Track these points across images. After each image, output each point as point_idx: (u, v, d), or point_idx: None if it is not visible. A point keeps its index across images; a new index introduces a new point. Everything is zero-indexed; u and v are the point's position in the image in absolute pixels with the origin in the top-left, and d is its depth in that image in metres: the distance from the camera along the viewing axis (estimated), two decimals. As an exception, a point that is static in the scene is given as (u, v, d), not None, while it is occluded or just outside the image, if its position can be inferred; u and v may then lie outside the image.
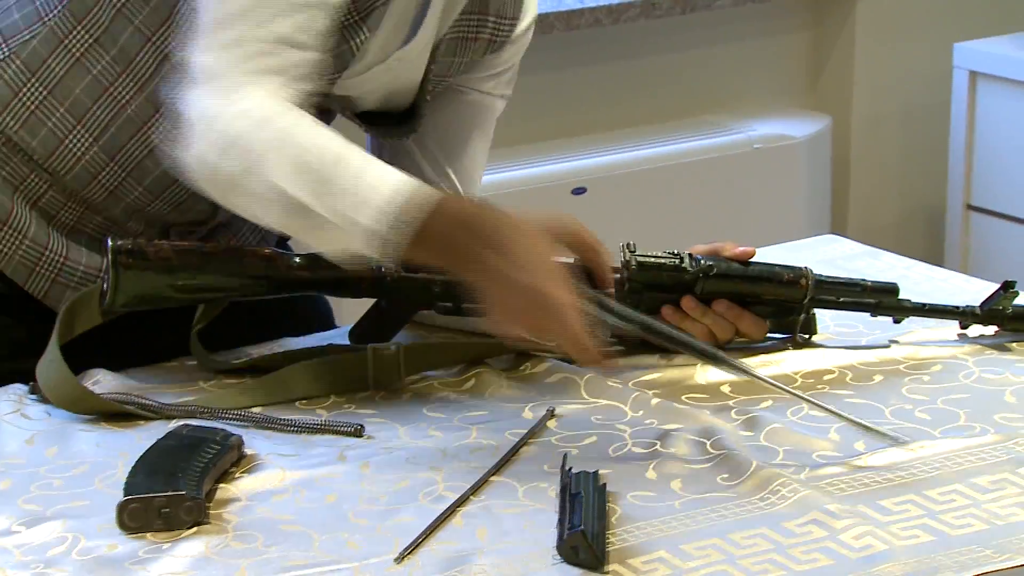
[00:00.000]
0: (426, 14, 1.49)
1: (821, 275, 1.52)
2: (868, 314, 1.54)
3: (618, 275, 1.47)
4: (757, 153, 2.86)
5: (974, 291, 1.67)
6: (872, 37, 3.03)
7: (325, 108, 1.52)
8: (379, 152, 1.60)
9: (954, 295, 1.65)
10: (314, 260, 1.42)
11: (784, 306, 1.51)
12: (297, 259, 1.43)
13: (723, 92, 3.01)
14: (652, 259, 1.49)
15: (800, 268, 1.51)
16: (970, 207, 3.00)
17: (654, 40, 2.92)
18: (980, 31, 3.02)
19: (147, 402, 1.42)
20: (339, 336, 1.57)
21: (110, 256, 1.41)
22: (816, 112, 3.03)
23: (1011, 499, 1.25)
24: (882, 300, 1.52)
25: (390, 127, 1.58)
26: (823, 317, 1.56)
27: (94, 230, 1.52)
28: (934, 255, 3.05)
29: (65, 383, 1.42)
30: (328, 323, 1.68)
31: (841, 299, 1.52)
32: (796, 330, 1.53)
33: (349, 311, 1.54)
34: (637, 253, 1.49)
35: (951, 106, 2.98)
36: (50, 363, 1.43)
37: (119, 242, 1.42)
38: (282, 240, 1.62)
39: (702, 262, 1.49)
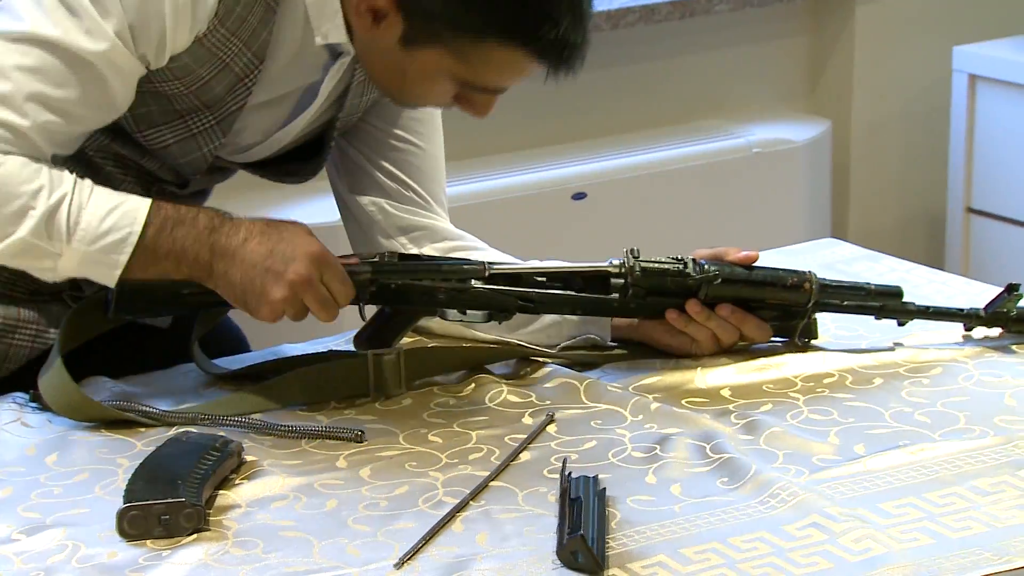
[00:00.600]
0: (311, 100, 1.50)
1: (825, 279, 1.52)
2: (872, 317, 1.54)
3: (622, 280, 1.47)
4: (757, 157, 2.86)
5: (975, 293, 1.67)
6: (871, 41, 3.03)
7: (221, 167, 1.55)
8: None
9: (954, 298, 1.66)
10: None
11: (788, 310, 1.51)
12: None
13: (723, 97, 3.01)
14: (655, 265, 1.49)
15: (804, 272, 1.51)
16: (970, 210, 3.00)
17: (653, 45, 2.92)
18: (979, 35, 3.02)
19: (148, 409, 1.42)
20: (338, 342, 1.57)
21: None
22: (816, 116, 3.03)
23: (1010, 501, 1.25)
24: (886, 303, 1.52)
25: (291, 170, 1.58)
26: (824, 320, 1.56)
27: None
28: (935, 258, 3.05)
29: (67, 391, 1.42)
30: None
31: (845, 303, 1.52)
32: (795, 335, 1.53)
33: (350, 319, 1.54)
34: (641, 259, 1.49)
35: (951, 109, 2.98)
36: (53, 371, 1.44)
37: None
38: None
39: (706, 267, 1.49)
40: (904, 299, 1.53)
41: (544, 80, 1.43)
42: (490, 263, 1.47)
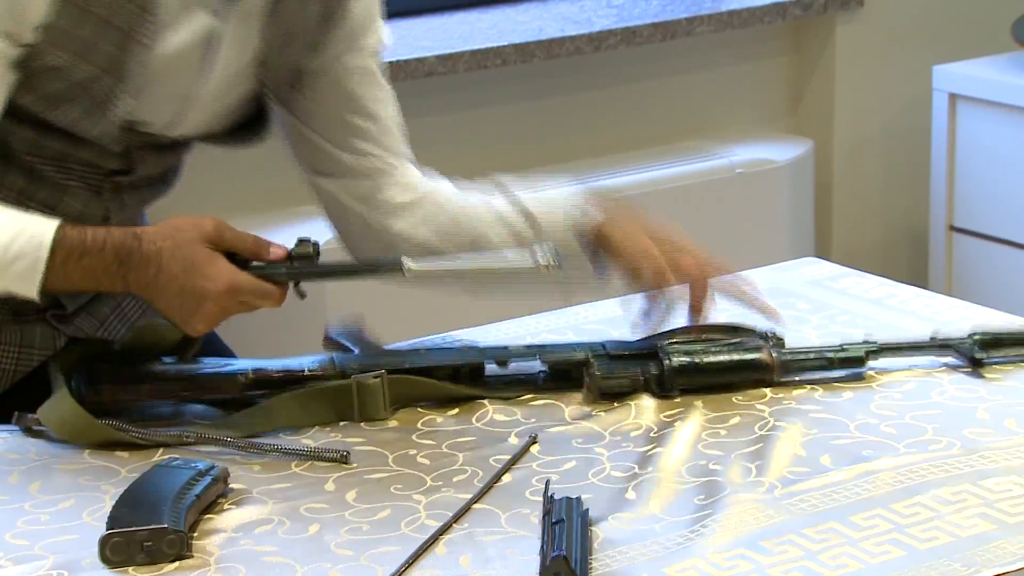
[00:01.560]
0: (216, 56, 1.49)
1: (785, 352, 1.52)
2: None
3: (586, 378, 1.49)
4: (740, 178, 2.87)
5: (958, 311, 1.68)
6: (852, 61, 3.05)
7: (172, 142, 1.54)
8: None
9: (939, 313, 1.67)
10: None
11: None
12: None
13: (705, 118, 3.02)
14: (614, 379, 1.49)
15: (762, 349, 1.51)
16: (953, 228, 3.01)
17: (635, 67, 2.94)
18: (959, 54, 3.04)
19: (143, 431, 1.43)
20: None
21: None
22: (798, 136, 3.05)
23: (973, 510, 1.27)
24: (853, 368, 1.53)
25: (239, 137, 1.58)
26: (808, 336, 1.58)
27: None
28: (918, 276, 3.06)
29: (74, 416, 1.43)
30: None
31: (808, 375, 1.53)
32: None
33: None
34: (607, 354, 1.50)
35: (932, 128, 3.00)
36: (58, 400, 1.45)
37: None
38: None
39: (667, 362, 1.49)
40: (869, 354, 1.52)
41: None
42: (409, 267, 1.47)
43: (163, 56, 1.47)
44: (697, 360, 1.50)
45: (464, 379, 1.52)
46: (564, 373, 1.52)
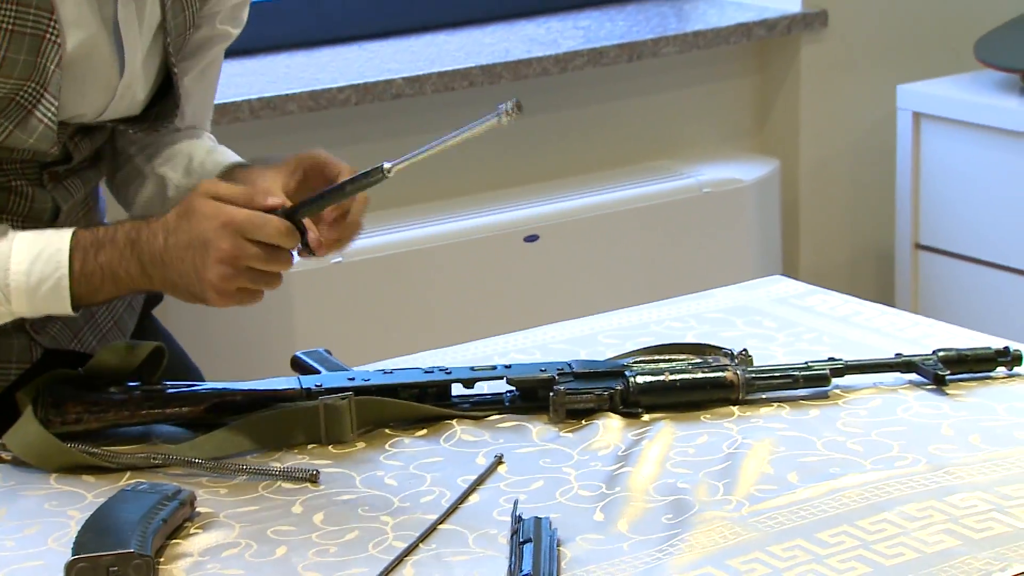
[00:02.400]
0: (123, 39, 1.49)
1: (750, 370, 1.53)
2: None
3: (552, 398, 1.50)
4: (707, 197, 2.89)
5: (923, 328, 1.70)
6: (817, 81, 3.07)
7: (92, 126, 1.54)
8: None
9: (904, 331, 1.68)
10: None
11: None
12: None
13: (672, 138, 3.04)
14: (580, 396, 1.50)
15: (727, 369, 1.52)
16: (918, 246, 3.03)
17: (602, 88, 2.95)
18: (922, 73, 3.07)
19: (109, 453, 1.43)
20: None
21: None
22: (764, 155, 3.07)
23: (938, 526, 1.27)
24: (817, 386, 1.54)
25: (150, 118, 1.58)
26: (775, 354, 1.59)
27: None
28: (885, 294, 3.08)
29: (40, 440, 1.43)
30: None
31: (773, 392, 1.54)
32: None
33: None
34: (573, 375, 1.51)
35: (896, 147, 3.02)
36: (24, 424, 1.44)
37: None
38: None
39: (632, 380, 1.50)
40: (832, 371, 1.53)
41: None
42: (387, 168, 1.47)
43: (77, 49, 1.47)
44: (662, 378, 1.51)
45: (430, 400, 1.52)
46: (530, 393, 1.53)
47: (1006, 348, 1.56)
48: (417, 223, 2.70)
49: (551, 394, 1.50)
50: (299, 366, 1.60)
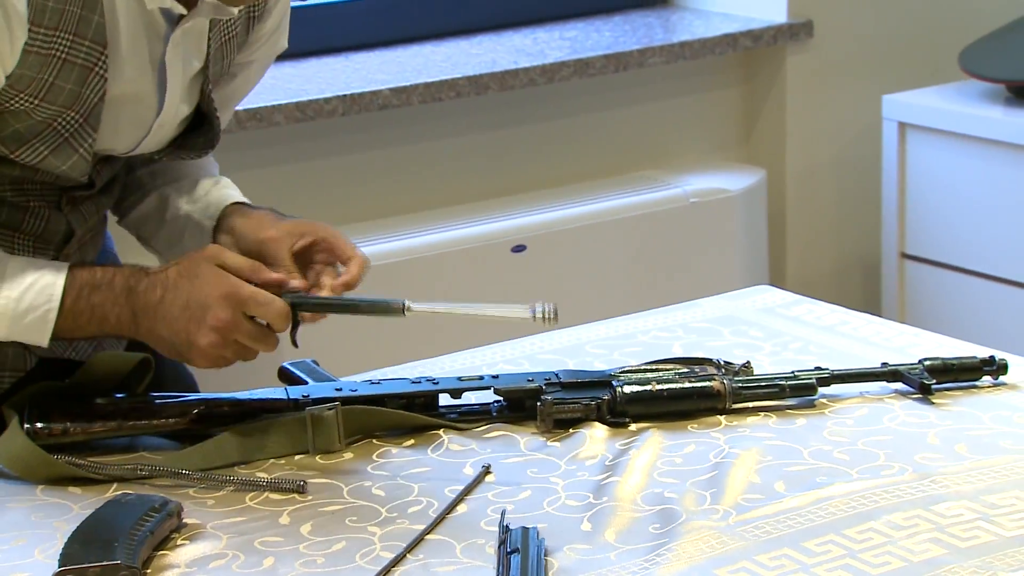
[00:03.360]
0: (167, 79, 1.51)
1: (738, 381, 1.53)
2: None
3: (539, 407, 1.50)
4: (694, 207, 2.89)
5: (909, 338, 1.70)
6: (803, 91, 3.08)
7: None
8: None
9: (891, 340, 1.69)
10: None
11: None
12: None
13: (658, 148, 3.04)
14: (567, 406, 1.50)
15: (714, 379, 1.52)
16: (904, 256, 3.04)
17: (588, 98, 2.95)
18: (908, 83, 3.08)
19: (96, 464, 1.43)
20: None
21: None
22: (750, 165, 3.07)
23: (924, 535, 1.28)
24: (804, 395, 1.54)
25: (188, 144, 1.59)
26: (762, 364, 1.59)
27: None
28: (871, 304, 3.09)
29: (27, 452, 1.43)
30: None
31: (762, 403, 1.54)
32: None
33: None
34: (559, 384, 1.51)
35: (882, 157, 3.03)
36: (11, 436, 1.44)
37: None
38: None
39: (619, 390, 1.51)
40: (819, 382, 1.54)
41: None
42: (408, 306, 1.48)
43: (122, 86, 1.48)
44: (649, 388, 1.51)
45: (418, 410, 1.52)
46: (518, 403, 1.53)
47: (991, 357, 1.57)
48: (404, 234, 2.70)
49: (538, 404, 1.50)
50: (286, 377, 1.60)
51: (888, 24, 3.13)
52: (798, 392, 1.53)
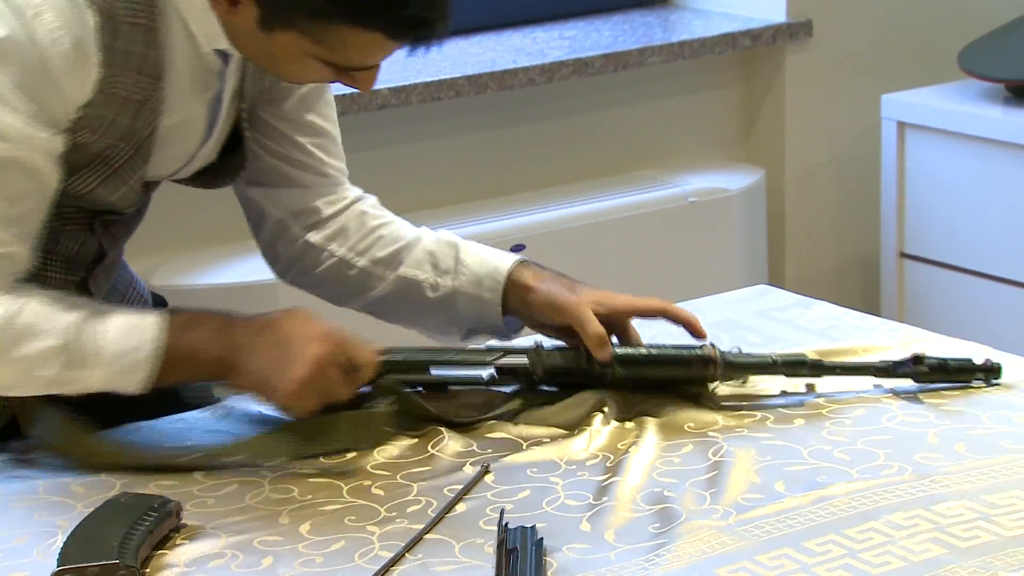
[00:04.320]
0: (219, 113, 1.53)
1: (728, 353, 1.54)
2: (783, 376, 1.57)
3: (531, 370, 1.52)
4: (693, 207, 2.89)
5: (903, 338, 1.70)
6: (802, 90, 3.08)
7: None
8: None
9: (887, 338, 1.69)
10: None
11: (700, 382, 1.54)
12: None
13: (657, 147, 3.04)
14: (559, 359, 1.52)
15: (706, 348, 1.53)
16: (903, 255, 3.04)
17: (588, 97, 2.95)
18: (907, 83, 3.08)
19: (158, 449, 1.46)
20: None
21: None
22: (749, 165, 3.07)
23: (925, 535, 1.28)
24: (795, 372, 1.55)
25: (217, 171, 1.61)
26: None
27: None
28: (870, 303, 3.09)
29: (77, 438, 1.45)
30: None
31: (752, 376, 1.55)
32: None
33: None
34: (546, 352, 1.52)
35: (881, 156, 3.03)
36: (56, 423, 1.46)
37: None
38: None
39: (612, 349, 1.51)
40: (810, 362, 1.54)
41: (406, 55, 1.44)
42: (497, 369, 1.51)
43: (173, 118, 1.50)
44: (642, 351, 1.52)
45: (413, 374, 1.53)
46: (510, 370, 1.53)
47: (987, 360, 1.57)
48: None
49: (531, 357, 1.50)
50: None
51: (887, 24, 3.13)
52: (789, 368, 1.53)
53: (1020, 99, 2.89)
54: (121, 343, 1.43)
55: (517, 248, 2.75)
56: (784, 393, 1.55)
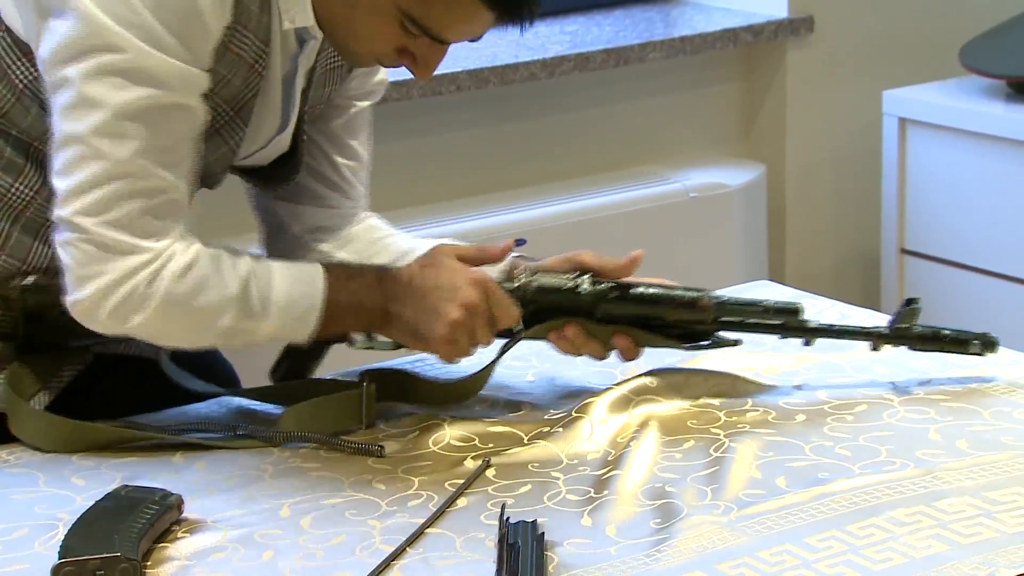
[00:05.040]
0: (293, 96, 1.53)
1: (721, 295, 1.54)
2: (777, 337, 1.56)
3: (519, 297, 1.52)
4: (693, 202, 2.89)
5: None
6: (803, 86, 3.07)
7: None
8: None
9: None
10: None
11: (690, 329, 1.53)
12: None
13: (658, 142, 3.04)
14: (550, 283, 1.52)
15: (699, 289, 1.54)
16: (904, 251, 3.04)
17: (589, 93, 2.95)
18: (908, 79, 3.07)
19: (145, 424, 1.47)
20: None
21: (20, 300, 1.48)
22: (750, 161, 3.07)
23: (927, 531, 1.28)
24: (787, 320, 1.54)
25: (272, 176, 1.61)
26: (760, 358, 1.59)
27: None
28: (871, 299, 3.09)
29: (53, 424, 1.46)
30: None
31: (747, 321, 1.54)
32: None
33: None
34: (538, 275, 1.52)
35: (882, 152, 3.03)
36: (30, 414, 1.47)
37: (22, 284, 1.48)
38: None
39: (600, 286, 1.52)
40: (803, 317, 1.54)
41: (500, 26, 1.45)
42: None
43: (270, 86, 1.50)
44: (638, 289, 1.52)
45: None
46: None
47: (984, 334, 1.56)
48: (405, 228, 2.68)
49: (519, 286, 1.51)
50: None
51: (889, 20, 3.13)
52: (782, 315, 1.53)
53: (1021, 95, 2.89)
54: (290, 293, 1.45)
55: (518, 243, 2.75)
56: (781, 387, 1.55)
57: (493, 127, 2.89)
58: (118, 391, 1.58)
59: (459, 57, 2.77)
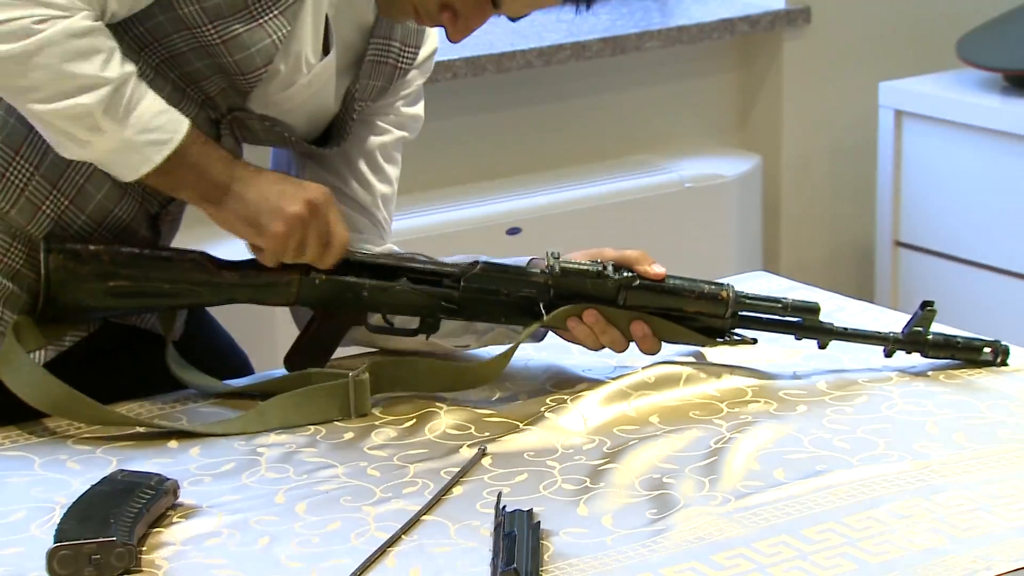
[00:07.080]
0: (329, 34, 1.52)
1: (742, 291, 1.55)
2: (793, 337, 1.57)
3: (543, 280, 1.52)
4: (689, 192, 2.89)
5: (900, 326, 1.70)
6: (799, 77, 3.07)
7: (245, 127, 1.55)
8: (304, 165, 1.64)
9: (886, 327, 1.69)
10: (241, 264, 1.51)
11: (709, 322, 1.53)
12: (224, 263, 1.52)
13: (654, 132, 3.04)
14: (575, 266, 1.52)
15: (721, 283, 1.54)
16: (898, 243, 3.04)
17: (585, 81, 2.95)
18: (904, 71, 3.08)
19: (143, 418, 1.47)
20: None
21: (43, 262, 1.46)
22: (746, 151, 3.07)
23: (924, 524, 1.28)
24: (805, 319, 1.55)
25: (318, 143, 1.62)
26: (756, 348, 1.60)
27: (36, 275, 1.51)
28: (865, 291, 3.09)
29: (49, 383, 1.45)
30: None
31: (765, 317, 1.55)
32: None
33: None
34: (562, 260, 1.52)
35: (878, 144, 3.03)
36: (27, 364, 1.46)
37: (52, 245, 1.47)
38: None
39: (625, 273, 1.52)
40: (821, 316, 1.55)
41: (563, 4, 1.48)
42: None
43: (272, 101, 1.52)
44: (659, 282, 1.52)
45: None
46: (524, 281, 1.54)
47: (996, 341, 1.57)
48: (399, 215, 2.68)
49: (547, 268, 1.51)
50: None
51: (885, 11, 3.13)
52: (800, 312, 1.54)
53: (1018, 88, 2.89)
54: (155, 116, 1.42)
55: (513, 231, 2.75)
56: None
57: (489, 115, 2.88)
58: (120, 365, 1.57)
59: (455, 45, 2.76)
